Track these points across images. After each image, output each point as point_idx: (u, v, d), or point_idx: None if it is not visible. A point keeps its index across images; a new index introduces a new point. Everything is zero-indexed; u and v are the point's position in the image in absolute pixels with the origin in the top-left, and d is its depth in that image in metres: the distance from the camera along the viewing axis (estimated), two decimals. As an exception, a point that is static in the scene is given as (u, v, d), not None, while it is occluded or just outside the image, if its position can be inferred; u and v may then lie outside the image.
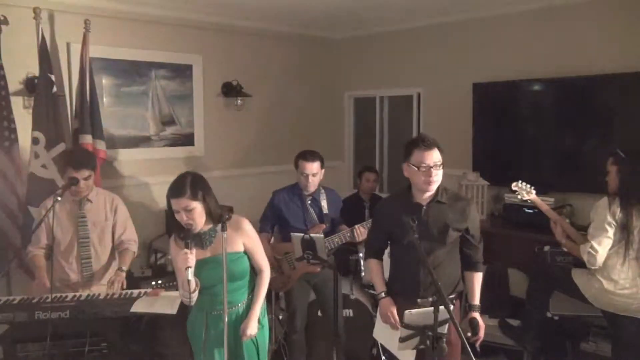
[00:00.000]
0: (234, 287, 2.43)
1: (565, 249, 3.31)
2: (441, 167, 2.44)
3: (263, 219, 3.44)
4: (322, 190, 3.41)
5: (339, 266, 3.29)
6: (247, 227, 2.49)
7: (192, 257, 2.21)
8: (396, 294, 2.62)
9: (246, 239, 2.47)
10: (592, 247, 2.96)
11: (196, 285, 2.26)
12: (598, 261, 2.96)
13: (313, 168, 3.27)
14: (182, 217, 2.28)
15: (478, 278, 2.62)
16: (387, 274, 2.75)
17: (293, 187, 3.40)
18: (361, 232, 3.21)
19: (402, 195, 2.57)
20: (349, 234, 3.23)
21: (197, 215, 2.30)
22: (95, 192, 3.14)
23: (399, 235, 2.54)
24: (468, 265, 2.63)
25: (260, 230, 3.40)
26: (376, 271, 2.70)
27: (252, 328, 2.46)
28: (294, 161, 3.36)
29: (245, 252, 2.48)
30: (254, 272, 2.57)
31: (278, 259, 3.33)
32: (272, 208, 3.41)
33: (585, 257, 3.00)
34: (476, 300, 2.58)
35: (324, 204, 3.36)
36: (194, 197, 2.29)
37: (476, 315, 2.55)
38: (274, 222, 3.42)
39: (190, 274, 2.18)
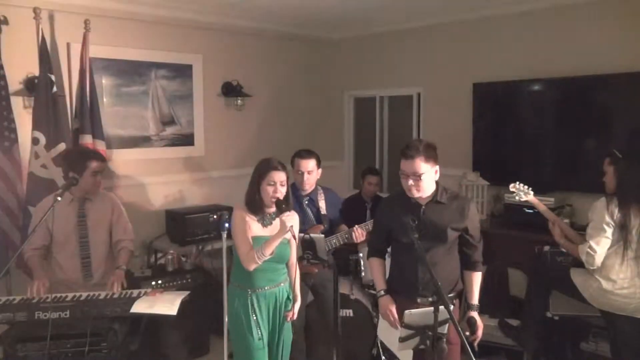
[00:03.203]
0: (279, 268, 2.72)
1: (563, 249, 3.31)
2: (421, 178, 2.43)
3: None
4: (321, 191, 3.39)
5: (338, 266, 3.28)
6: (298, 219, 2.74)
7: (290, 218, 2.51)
8: (396, 292, 2.63)
9: (295, 229, 2.65)
10: (590, 247, 2.96)
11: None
12: (597, 261, 2.96)
13: (308, 166, 3.26)
14: (275, 189, 2.59)
15: (477, 278, 2.62)
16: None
17: (291, 187, 3.38)
18: (359, 233, 3.20)
19: (402, 194, 2.57)
20: (347, 235, 3.22)
21: (284, 189, 2.64)
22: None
23: (398, 234, 2.57)
24: (467, 264, 2.63)
25: None
26: (377, 270, 2.72)
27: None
28: (290, 160, 3.35)
29: None
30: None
31: None
32: None
33: (583, 257, 3.00)
34: (475, 299, 2.59)
35: (322, 204, 3.34)
36: (288, 175, 2.67)
37: (474, 314, 2.56)
38: None
39: (295, 231, 2.53)
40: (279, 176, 2.61)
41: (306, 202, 3.35)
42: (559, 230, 3.26)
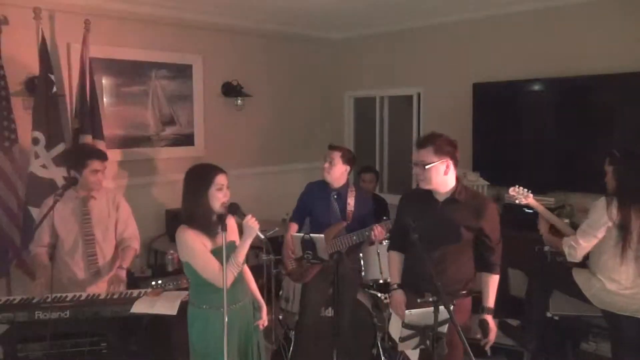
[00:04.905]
0: (240, 278, 2.51)
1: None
2: (423, 167, 2.43)
3: (295, 209, 3.54)
4: (352, 188, 3.43)
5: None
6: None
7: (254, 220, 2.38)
8: (407, 286, 2.62)
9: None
10: (575, 240, 2.99)
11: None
12: (578, 254, 2.99)
13: (331, 155, 3.33)
14: (225, 193, 2.44)
15: (494, 280, 2.56)
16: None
17: (323, 180, 3.45)
18: (379, 231, 3.19)
19: (424, 190, 2.55)
20: (367, 233, 3.21)
21: (229, 192, 2.48)
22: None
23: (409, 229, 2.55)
24: (483, 266, 2.57)
25: (289, 220, 3.54)
26: (393, 263, 2.72)
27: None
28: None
29: None
30: None
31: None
32: (301, 198, 3.52)
33: (566, 250, 3.04)
34: (489, 302, 2.54)
35: (350, 201, 3.35)
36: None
37: (488, 317, 2.52)
38: (305, 213, 3.48)
39: (261, 235, 2.40)
40: (225, 178, 2.46)
41: (334, 196, 3.38)
42: (545, 226, 3.30)
